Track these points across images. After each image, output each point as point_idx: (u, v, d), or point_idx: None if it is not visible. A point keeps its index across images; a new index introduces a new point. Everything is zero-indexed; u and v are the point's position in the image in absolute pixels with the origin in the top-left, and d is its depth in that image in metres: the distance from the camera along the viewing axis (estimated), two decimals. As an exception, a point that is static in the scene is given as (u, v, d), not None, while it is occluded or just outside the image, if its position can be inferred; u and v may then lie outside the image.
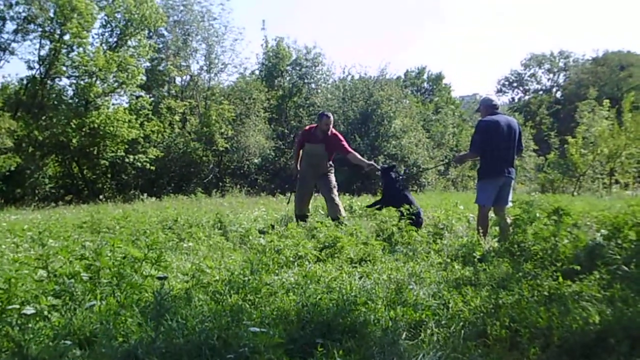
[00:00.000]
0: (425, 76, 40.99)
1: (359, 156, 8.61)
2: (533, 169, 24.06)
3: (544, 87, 50.16)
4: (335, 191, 8.42)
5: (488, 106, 6.67)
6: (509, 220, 5.83)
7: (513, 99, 51.22)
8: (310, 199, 8.83)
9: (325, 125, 8.23)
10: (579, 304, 3.25)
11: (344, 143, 8.51)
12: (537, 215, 5.52)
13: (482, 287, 3.94)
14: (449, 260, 4.92)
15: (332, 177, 8.52)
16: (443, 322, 3.26)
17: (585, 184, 19.26)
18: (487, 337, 3.04)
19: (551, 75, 49.99)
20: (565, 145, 19.53)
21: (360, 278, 4.41)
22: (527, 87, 51.20)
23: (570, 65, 48.08)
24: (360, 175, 22.73)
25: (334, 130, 8.45)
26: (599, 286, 3.67)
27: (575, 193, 17.86)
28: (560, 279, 3.72)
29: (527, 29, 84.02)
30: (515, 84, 51.68)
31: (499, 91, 52.06)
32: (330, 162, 8.51)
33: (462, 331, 3.11)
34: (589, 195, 16.42)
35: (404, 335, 3.02)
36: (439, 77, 40.73)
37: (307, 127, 8.77)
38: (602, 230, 5.19)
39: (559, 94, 47.60)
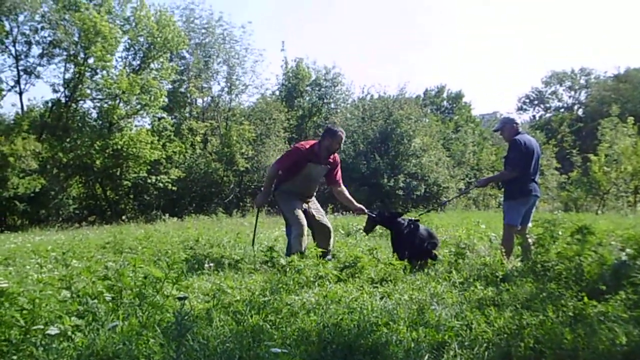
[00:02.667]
0: (444, 95, 40.99)
1: (347, 193, 7.25)
2: (556, 188, 23.77)
3: (565, 105, 49.75)
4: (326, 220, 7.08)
5: (515, 125, 6.58)
6: (530, 240, 5.77)
7: (534, 116, 50.87)
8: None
9: (337, 145, 6.76)
10: (605, 325, 3.19)
11: (340, 172, 7.20)
12: (561, 234, 5.45)
13: (506, 307, 3.88)
14: (471, 280, 4.86)
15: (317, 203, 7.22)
16: (466, 343, 3.21)
17: (609, 202, 18.99)
18: (511, 358, 3.00)
19: (572, 93, 49.60)
20: (588, 163, 19.33)
21: (381, 298, 4.38)
22: (548, 105, 50.82)
23: (591, 82, 47.66)
24: (381, 194, 22.70)
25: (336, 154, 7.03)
26: (625, 306, 3.60)
27: (599, 211, 17.60)
28: (585, 299, 3.65)
29: (548, 46, 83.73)
30: (536, 102, 51.34)
31: (520, 109, 51.76)
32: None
33: (486, 353, 3.07)
34: (613, 214, 16.18)
35: (426, 357, 2.98)
36: (458, 96, 40.68)
37: (307, 144, 6.92)
38: (628, 249, 5.09)
39: (580, 112, 47.12)
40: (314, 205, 7.08)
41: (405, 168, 23.25)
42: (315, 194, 7.14)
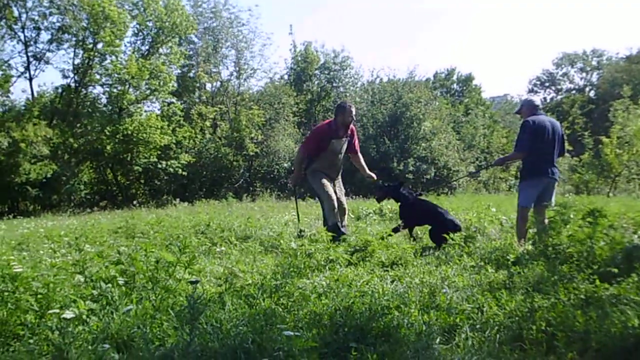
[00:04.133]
0: (454, 77, 40.65)
1: (362, 161, 7.73)
2: (567, 170, 23.62)
3: (576, 87, 49.19)
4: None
5: (531, 106, 6.52)
6: (546, 222, 5.73)
7: (545, 98, 50.33)
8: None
9: (349, 117, 7.31)
10: (617, 308, 3.18)
11: (357, 141, 7.73)
12: (572, 217, 5.42)
13: (517, 290, 3.88)
14: (482, 263, 4.86)
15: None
16: (477, 326, 3.22)
17: (621, 185, 18.85)
18: (523, 341, 3.00)
19: (584, 74, 49.00)
20: (600, 146, 19.15)
21: (392, 282, 4.39)
22: (559, 87, 50.27)
23: (603, 63, 47.05)
24: (390, 178, 22.66)
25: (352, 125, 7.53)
26: (637, 289, 3.58)
27: (610, 194, 17.49)
28: (597, 282, 3.64)
29: (559, 28, 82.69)
30: (547, 84, 50.79)
31: (531, 91, 51.23)
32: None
33: (498, 335, 3.07)
34: (624, 196, 16.07)
35: (438, 340, 2.99)
36: (468, 78, 40.33)
37: (326, 123, 7.62)
38: (640, 232, 5.07)
39: (592, 93, 46.62)
40: (338, 184, 7.53)
41: (415, 152, 23.18)
42: (341, 171, 7.58)
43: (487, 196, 18.05)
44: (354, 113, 7.37)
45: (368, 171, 7.67)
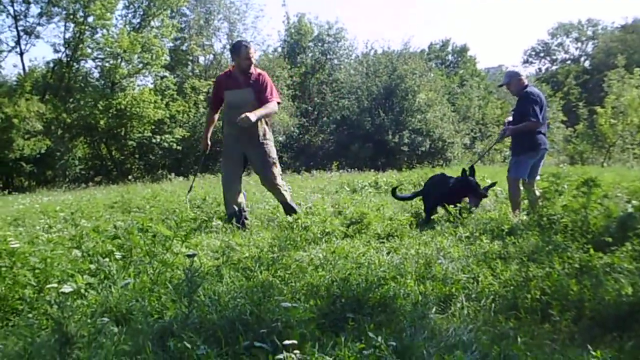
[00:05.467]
0: (449, 48, 40.34)
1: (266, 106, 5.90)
2: (562, 141, 23.68)
3: (571, 57, 49.02)
4: (276, 170, 6.13)
5: (521, 77, 6.42)
6: (537, 193, 5.77)
7: (540, 69, 50.23)
8: (241, 182, 6.33)
9: (245, 60, 5.94)
10: (611, 276, 3.21)
11: (272, 88, 6.11)
12: (566, 187, 5.45)
13: (512, 260, 3.92)
14: (477, 234, 4.89)
15: (270, 148, 6.10)
16: (473, 295, 3.26)
17: (615, 155, 18.95)
18: (518, 310, 3.04)
19: (579, 45, 48.79)
20: (594, 116, 19.22)
21: (388, 253, 4.42)
22: (554, 57, 50.08)
23: (598, 33, 46.83)
24: (385, 151, 22.66)
25: (258, 69, 6.19)
26: (631, 258, 3.62)
27: (604, 164, 17.58)
28: (591, 251, 3.68)
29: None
30: (542, 54, 50.56)
31: (526, 62, 51.05)
32: (266, 123, 6.14)
33: (493, 304, 3.11)
34: (619, 166, 16.15)
35: (434, 309, 3.03)
36: (463, 49, 40.04)
37: (223, 72, 6.44)
38: (633, 201, 5.10)
39: (587, 64, 46.49)
40: (257, 154, 6.09)
41: (410, 124, 23.16)
42: (257, 132, 6.01)
43: (482, 167, 18.07)
44: (252, 54, 6.03)
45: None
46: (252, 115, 5.65)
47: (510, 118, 6.64)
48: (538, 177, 6.24)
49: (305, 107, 27.20)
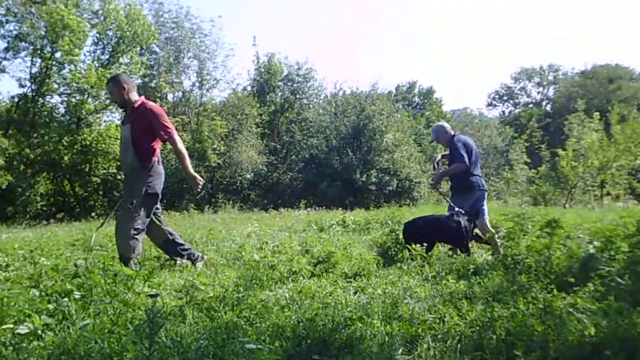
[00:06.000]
0: (416, 90, 41.31)
1: (186, 155, 5.74)
2: (525, 182, 24.13)
3: (534, 101, 50.58)
4: (127, 214, 5.36)
5: (447, 130, 7.02)
6: (492, 230, 6.22)
7: (503, 112, 51.62)
8: (157, 220, 5.96)
9: (113, 96, 5.70)
10: (574, 316, 3.25)
11: (163, 120, 5.55)
12: (530, 227, 5.55)
13: (477, 300, 3.94)
14: (443, 273, 4.91)
15: (136, 183, 5.45)
16: (439, 336, 3.25)
17: (577, 196, 19.38)
18: (483, 350, 3.03)
19: (541, 89, 50.49)
20: (556, 158, 19.68)
21: (355, 293, 4.40)
22: (517, 101, 51.59)
23: (559, 78, 48.57)
24: (353, 189, 22.77)
25: (143, 100, 5.68)
26: (593, 298, 3.68)
27: (566, 205, 17.95)
28: (555, 292, 3.73)
29: (518, 43, 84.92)
30: (505, 98, 52.07)
31: (489, 104, 52.47)
32: (140, 157, 5.47)
33: (459, 345, 3.10)
34: (580, 208, 16.51)
35: (400, 350, 3.00)
36: (429, 92, 41.03)
37: None
38: (595, 242, 5.21)
39: (549, 107, 47.97)
40: (124, 190, 5.79)
41: (378, 163, 23.41)
42: (130, 170, 5.58)
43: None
44: (110, 88, 5.72)
45: (190, 170, 5.82)
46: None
47: (439, 156, 7.26)
48: (486, 218, 6.62)
49: (274, 145, 27.29)
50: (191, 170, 5.81)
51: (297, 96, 29.15)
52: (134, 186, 5.44)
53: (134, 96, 5.72)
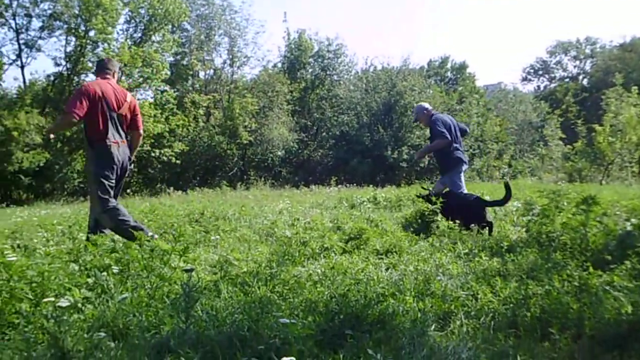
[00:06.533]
0: (448, 65, 40.53)
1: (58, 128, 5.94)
2: (560, 158, 23.69)
3: (570, 75, 49.24)
4: (90, 194, 5.74)
5: (426, 110, 7.37)
6: None
7: (538, 87, 50.43)
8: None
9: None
10: (610, 294, 3.20)
11: (71, 98, 5.69)
12: (565, 204, 5.45)
13: (511, 277, 3.91)
14: (476, 251, 4.88)
15: (86, 164, 6.05)
16: (472, 313, 3.24)
17: (614, 173, 18.94)
18: (517, 328, 3.02)
19: (577, 63, 49.04)
20: (593, 134, 19.24)
21: (386, 269, 4.41)
22: (552, 75, 50.29)
23: (597, 51, 47.09)
24: (384, 166, 22.68)
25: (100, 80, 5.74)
26: (630, 276, 3.61)
27: (603, 182, 17.58)
28: (591, 269, 3.67)
29: (553, 15, 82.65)
30: (540, 72, 50.81)
31: (524, 79, 51.26)
32: (86, 138, 5.75)
33: (492, 322, 3.10)
34: (617, 184, 16.15)
35: (433, 327, 3.01)
36: (462, 66, 40.23)
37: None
38: (632, 219, 5.11)
39: (585, 82, 46.68)
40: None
41: (409, 140, 23.21)
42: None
43: (480, 184, 18.09)
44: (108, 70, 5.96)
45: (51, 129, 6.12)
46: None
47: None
48: (465, 190, 7.09)
49: (305, 122, 27.26)
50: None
51: (328, 72, 28.98)
52: (85, 166, 5.73)
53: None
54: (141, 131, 6.16)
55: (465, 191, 7.07)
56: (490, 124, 29.32)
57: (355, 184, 18.09)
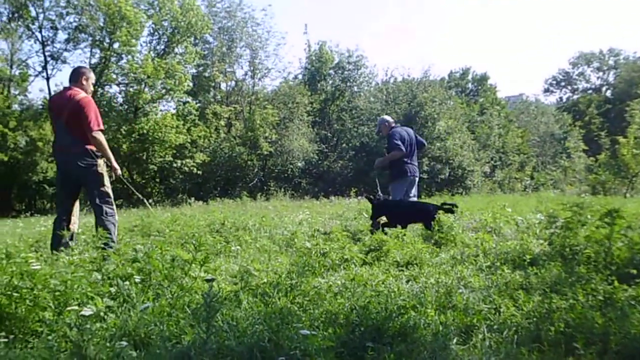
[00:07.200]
0: (469, 77, 40.43)
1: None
2: (583, 170, 23.40)
3: (593, 86, 48.75)
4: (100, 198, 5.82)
5: (387, 122, 8.05)
6: None
7: (561, 98, 50.00)
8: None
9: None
10: (636, 309, 3.14)
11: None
12: (589, 217, 5.37)
13: (534, 291, 3.85)
14: (498, 264, 4.82)
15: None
16: (495, 326, 3.20)
17: (638, 185, 18.63)
18: (541, 342, 2.97)
19: (600, 74, 48.59)
20: (616, 146, 18.95)
21: (407, 281, 4.38)
22: (575, 87, 49.85)
23: (620, 63, 46.60)
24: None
25: (78, 90, 5.83)
26: (657, 291, 3.54)
27: (627, 194, 17.29)
28: (616, 283, 3.60)
29: (576, 27, 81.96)
30: (563, 84, 50.39)
31: (546, 90, 50.92)
32: (89, 148, 5.72)
33: (515, 336, 3.05)
34: (642, 197, 15.87)
35: (455, 340, 2.98)
36: (483, 78, 40.08)
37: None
38: (659, 233, 5.00)
39: (609, 93, 46.17)
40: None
41: (430, 151, 23.10)
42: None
43: (502, 196, 17.93)
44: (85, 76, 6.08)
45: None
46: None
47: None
48: (414, 199, 7.86)
49: (325, 133, 27.31)
50: None
51: (348, 84, 29.05)
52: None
53: None
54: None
55: (415, 199, 7.90)
56: (511, 135, 29.11)
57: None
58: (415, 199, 7.88)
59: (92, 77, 6.23)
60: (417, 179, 7.89)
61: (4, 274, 3.49)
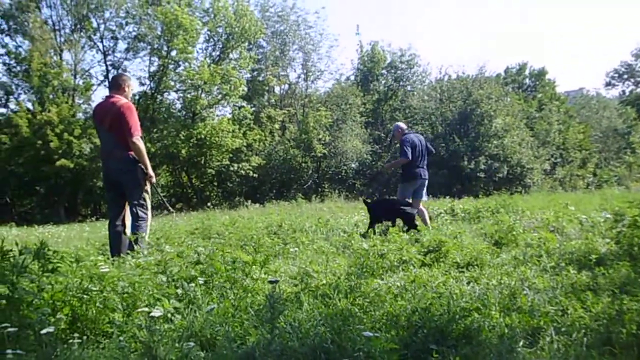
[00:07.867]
0: (526, 72, 39.31)
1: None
2: (650, 166, 22.43)
3: (658, 78, 46.52)
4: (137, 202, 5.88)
5: (400, 129, 8.58)
6: (424, 210, 8.37)
7: (624, 92, 47.85)
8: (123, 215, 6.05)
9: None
10: None
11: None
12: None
13: (602, 292, 3.72)
14: (563, 264, 4.68)
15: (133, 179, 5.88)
16: (562, 329, 3.11)
17: None
18: (612, 345, 2.87)
19: (665, 65, 46.28)
20: (687, 140, 18.07)
21: (468, 283, 4.30)
22: (639, 79, 47.69)
23: (687, 53, 44.29)
24: (461, 177, 22.22)
25: (119, 97, 5.89)
26: None
27: (700, 190, 16.47)
28: (691, 284, 3.45)
29: (637, 17, 78.65)
30: (625, 76, 48.25)
31: (608, 84, 48.78)
32: (129, 154, 5.81)
33: (584, 339, 2.96)
34: None
35: (521, 343, 2.91)
36: (541, 73, 38.89)
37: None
38: None
39: (675, 85, 43.98)
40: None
41: (487, 149, 22.65)
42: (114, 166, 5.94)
43: (563, 194, 17.37)
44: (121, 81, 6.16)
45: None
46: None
47: None
48: (425, 199, 8.59)
49: (378, 134, 27.20)
50: None
51: (401, 83, 28.86)
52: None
53: None
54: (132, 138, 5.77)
55: (419, 200, 8.37)
56: (572, 131, 28.21)
57: (430, 196, 17.77)
58: (425, 198, 8.57)
59: (132, 84, 6.38)
60: (426, 181, 8.47)
61: (75, 277, 3.63)
